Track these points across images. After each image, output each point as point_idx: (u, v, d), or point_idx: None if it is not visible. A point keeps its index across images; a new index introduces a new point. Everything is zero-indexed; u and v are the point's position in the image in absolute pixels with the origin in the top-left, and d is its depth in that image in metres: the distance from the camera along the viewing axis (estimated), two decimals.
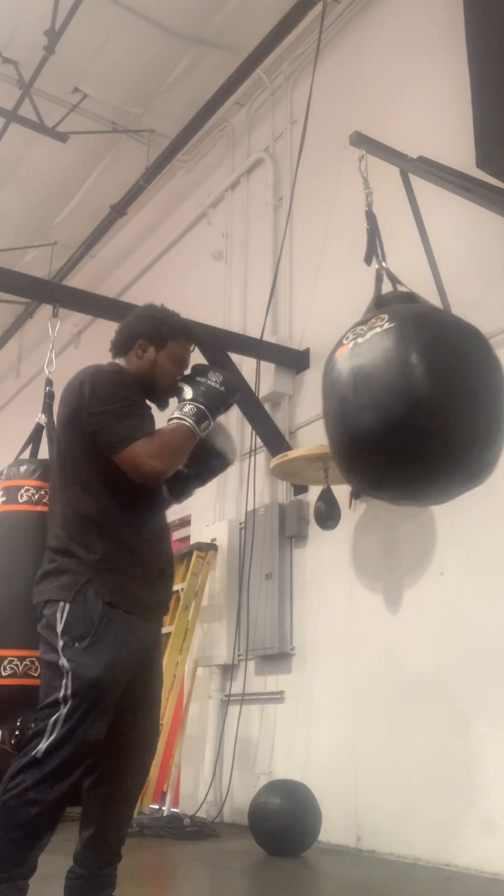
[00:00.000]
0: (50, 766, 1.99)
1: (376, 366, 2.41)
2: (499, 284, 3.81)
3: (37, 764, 2.00)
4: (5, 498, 3.47)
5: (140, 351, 2.41)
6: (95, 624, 2.08)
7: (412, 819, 3.63)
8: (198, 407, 2.26)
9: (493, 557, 3.55)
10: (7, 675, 2.97)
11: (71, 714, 2.01)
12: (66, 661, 2.05)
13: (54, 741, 2.00)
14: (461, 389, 2.41)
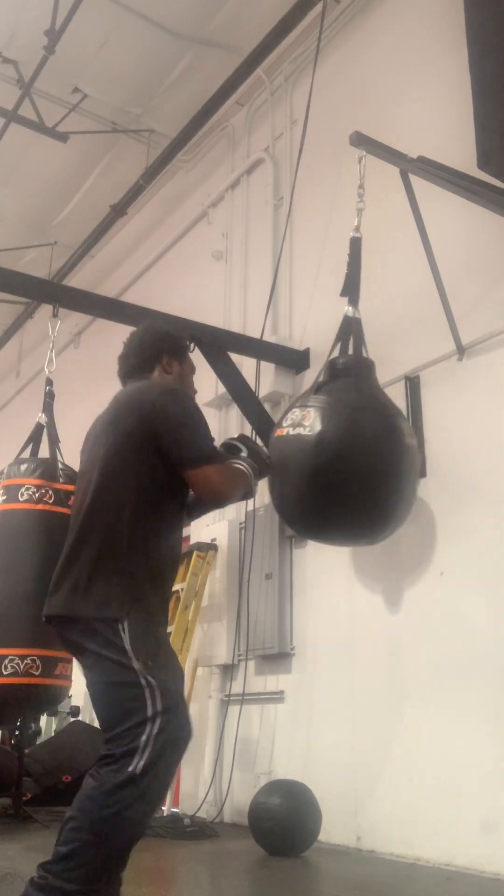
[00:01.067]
0: (147, 782, 2.01)
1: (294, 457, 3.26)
2: (499, 284, 3.81)
3: (134, 782, 1.99)
4: (6, 496, 3.47)
5: (167, 366, 2.50)
6: (159, 639, 2.16)
7: (412, 819, 3.63)
8: (252, 467, 2.40)
9: (493, 557, 3.55)
10: (8, 673, 2.97)
11: (164, 728, 2.05)
12: (151, 679, 2.06)
13: (151, 757, 2.02)
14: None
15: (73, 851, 1.95)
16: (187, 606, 5.03)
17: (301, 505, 3.34)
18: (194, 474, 2.22)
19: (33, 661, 2.92)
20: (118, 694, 2.08)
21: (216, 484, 2.24)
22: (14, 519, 3.35)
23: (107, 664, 2.09)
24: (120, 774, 1.98)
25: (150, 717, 2.03)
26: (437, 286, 3.77)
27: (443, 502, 3.85)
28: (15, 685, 2.96)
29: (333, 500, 3.21)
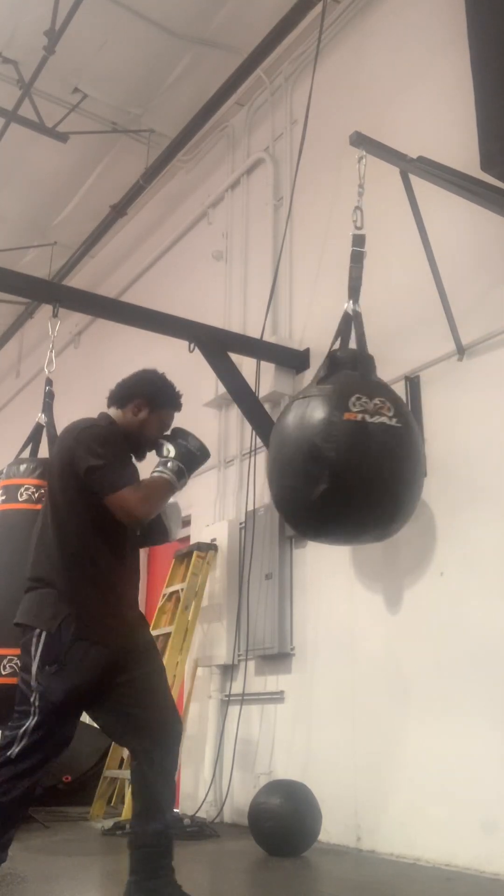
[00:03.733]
0: (22, 766, 2.40)
1: (380, 451, 3.11)
2: (499, 284, 3.81)
3: (11, 763, 2.40)
4: (5, 496, 3.47)
5: (136, 409, 2.77)
6: (64, 653, 2.44)
7: (412, 819, 3.63)
8: (178, 466, 2.66)
9: (493, 557, 3.55)
10: (7, 673, 2.97)
11: (37, 728, 2.41)
12: (35, 682, 2.43)
13: (24, 747, 2.40)
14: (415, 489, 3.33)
15: None
16: (187, 606, 5.03)
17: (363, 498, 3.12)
18: (109, 504, 2.50)
19: None
20: (21, 684, 2.49)
21: (132, 509, 2.50)
22: (13, 519, 3.35)
23: (21, 659, 2.53)
24: (2, 755, 2.42)
25: (30, 713, 2.42)
26: (437, 286, 3.77)
27: (443, 502, 3.85)
28: (14, 685, 2.97)
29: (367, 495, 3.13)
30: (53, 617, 2.48)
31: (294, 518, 3.42)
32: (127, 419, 2.76)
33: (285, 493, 3.27)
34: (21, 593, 2.59)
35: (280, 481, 3.28)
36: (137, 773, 2.57)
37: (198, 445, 2.75)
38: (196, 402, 5.77)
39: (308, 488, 3.05)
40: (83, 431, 2.61)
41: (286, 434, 3.21)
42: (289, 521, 3.62)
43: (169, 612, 5.23)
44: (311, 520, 3.27)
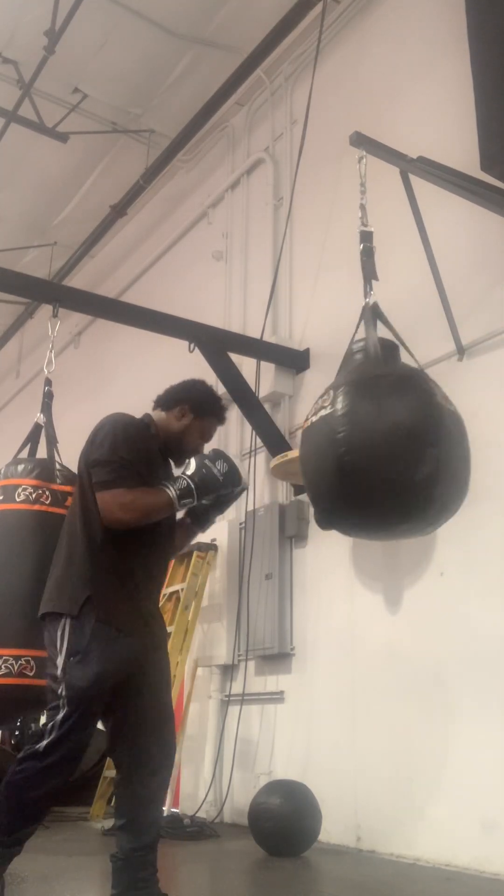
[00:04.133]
0: (48, 760, 2.36)
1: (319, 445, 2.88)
2: (499, 284, 3.81)
3: (38, 757, 2.36)
4: (3, 497, 3.46)
5: (180, 413, 2.74)
6: (87, 640, 2.39)
7: (412, 819, 3.63)
8: (189, 483, 2.55)
9: (493, 557, 3.55)
10: (2, 674, 2.97)
11: (66, 719, 2.36)
12: (61, 673, 2.39)
13: (53, 740, 2.36)
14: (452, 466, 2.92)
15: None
16: (187, 606, 5.03)
17: None
18: (97, 499, 2.48)
19: (27, 662, 2.91)
20: (49, 680, 2.46)
21: (110, 512, 2.45)
22: (10, 519, 3.34)
23: (49, 652, 2.48)
24: (30, 749, 2.40)
25: (60, 706, 2.37)
26: (437, 286, 3.77)
27: None
28: (9, 685, 2.96)
29: None
30: (73, 600, 2.43)
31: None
32: (169, 423, 2.74)
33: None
34: (16, 594, 2.61)
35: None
36: (126, 788, 2.51)
37: (225, 470, 2.61)
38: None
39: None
40: (110, 423, 2.59)
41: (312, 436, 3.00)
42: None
43: (169, 612, 5.23)
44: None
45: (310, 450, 2.95)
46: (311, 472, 2.97)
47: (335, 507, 2.94)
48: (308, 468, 2.99)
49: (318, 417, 2.88)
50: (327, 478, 2.83)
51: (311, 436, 2.92)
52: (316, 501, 3.03)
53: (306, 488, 3.13)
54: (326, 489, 2.89)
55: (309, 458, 2.97)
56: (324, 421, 2.84)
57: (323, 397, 2.93)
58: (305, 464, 3.01)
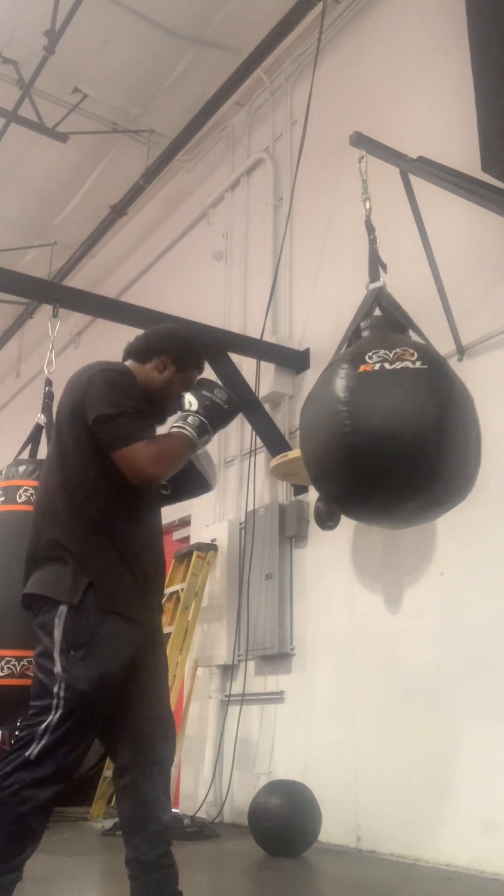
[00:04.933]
0: (42, 770, 2.04)
1: (398, 397, 2.77)
2: (499, 284, 3.81)
3: (30, 766, 2.04)
4: (4, 498, 3.47)
5: (160, 366, 2.43)
6: (93, 633, 2.11)
7: (412, 819, 3.63)
8: (201, 420, 2.29)
9: (493, 557, 3.55)
10: (4, 675, 2.97)
11: (61, 723, 2.05)
12: (60, 669, 2.08)
13: (45, 746, 2.04)
14: (462, 422, 2.94)
15: None
16: (187, 607, 5.03)
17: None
18: (117, 457, 2.15)
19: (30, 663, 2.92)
20: (38, 673, 2.14)
21: (142, 467, 2.13)
22: (12, 520, 3.34)
23: (38, 643, 2.16)
24: (18, 757, 2.05)
25: (53, 706, 2.06)
26: (437, 286, 3.77)
27: None
28: (11, 686, 2.96)
29: None
30: (74, 587, 2.12)
31: (331, 487, 3.05)
32: (149, 377, 2.40)
33: (313, 462, 3.00)
34: (18, 595, 2.53)
35: (309, 453, 3.02)
36: (132, 792, 2.23)
37: (225, 398, 2.38)
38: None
39: (337, 453, 2.80)
40: (98, 374, 2.24)
41: (309, 407, 3.00)
42: (326, 493, 3.18)
43: (169, 612, 5.23)
44: (348, 486, 2.91)
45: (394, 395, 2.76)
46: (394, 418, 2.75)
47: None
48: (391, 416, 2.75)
49: (400, 366, 2.75)
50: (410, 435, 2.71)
51: (391, 384, 2.75)
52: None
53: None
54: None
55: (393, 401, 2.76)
56: (410, 374, 2.75)
57: (399, 349, 2.81)
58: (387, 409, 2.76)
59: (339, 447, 2.79)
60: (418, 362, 2.80)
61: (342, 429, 2.75)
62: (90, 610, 2.12)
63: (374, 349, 2.84)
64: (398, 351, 2.81)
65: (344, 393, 2.78)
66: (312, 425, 2.94)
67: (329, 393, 2.84)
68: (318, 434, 2.90)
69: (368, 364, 2.79)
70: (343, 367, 2.84)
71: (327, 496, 3.16)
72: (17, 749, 2.07)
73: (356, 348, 2.94)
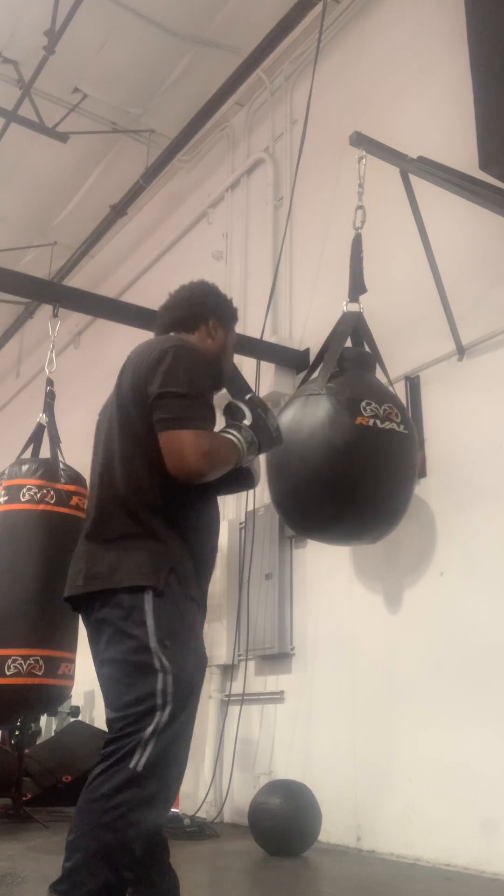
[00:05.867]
0: (152, 784, 1.77)
1: (388, 456, 3.24)
2: (499, 284, 3.81)
3: (138, 780, 1.75)
4: (7, 497, 3.47)
5: (211, 330, 2.25)
6: (184, 619, 1.92)
7: (412, 819, 3.63)
8: (253, 438, 2.08)
9: (493, 557, 3.55)
10: (10, 674, 2.97)
11: (172, 720, 1.81)
12: (165, 662, 1.83)
13: (154, 753, 1.78)
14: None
15: (77, 866, 1.75)
16: None
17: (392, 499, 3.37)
18: (164, 438, 1.91)
19: (36, 662, 2.92)
20: (126, 673, 1.86)
21: (189, 456, 1.88)
22: (15, 519, 3.34)
23: (123, 641, 1.88)
24: (119, 772, 1.75)
25: (158, 705, 1.80)
26: (437, 286, 3.77)
27: (443, 502, 3.86)
28: (18, 685, 2.96)
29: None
30: (156, 569, 1.89)
31: (299, 515, 3.48)
32: (203, 345, 2.20)
33: (290, 491, 3.36)
34: (23, 594, 2.50)
35: (286, 480, 3.35)
36: None
37: (276, 426, 2.16)
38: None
39: (317, 488, 3.20)
40: (173, 349, 2.01)
41: (296, 431, 3.27)
42: (291, 517, 3.61)
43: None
44: (317, 518, 3.37)
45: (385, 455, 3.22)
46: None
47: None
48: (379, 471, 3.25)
49: (388, 426, 3.19)
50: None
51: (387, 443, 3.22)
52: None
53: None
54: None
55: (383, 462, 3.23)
56: (397, 438, 3.23)
57: (385, 406, 3.23)
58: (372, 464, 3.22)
59: (326, 490, 3.20)
60: (402, 426, 3.21)
61: (334, 474, 3.15)
62: (177, 595, 1.91)
63: (366, 399, 3.19)
64: (386, 408, 3.19)
65: (341, 442, 3.15)
66: (294, 448, 3.24)
67: (325, 435, 3.21)
68: (301, 467, 3.25)
69: (364, 417, 3.14)
70: (337, 410, 3.18)
71: (291, 523, 3.70)
72: (112, 764, 1.77)
73: (348, 390, 3.26)
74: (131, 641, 1.86)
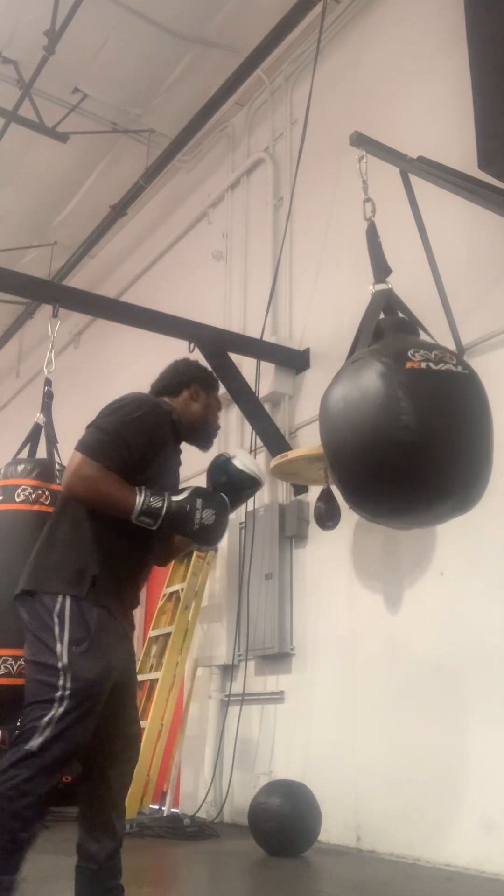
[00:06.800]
0: (43, 761, 2.06)
1: (444, 396, 2.73)
2: (499, 284, 3.81)
3: (31, 757, 2.06)
4: (2, 497, 3.47)
5: (194, 395, 2.58)
6: (92, 628, 2.15)
7: (412, 819, 3.63)
8: (162, 509, 2.21)
9: (493, 557, 3.55)
10: (1, 674, 2.97)
11: (67, 714, 2.08)
12: (66, 662, 2.11)
13: (49, 738, 2.07)
14: (490, 447, 2.82)
15: None
16: (187, 606, 5.03)
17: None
18: (72, 454, 2.24)
19: None
20: (36, 670, 2.17)
21: (70, 470, 2.20)
22: (10, 519, 3.34)
23: (33, 642, 2.19)
24: (17, 751, 2.08)
25: (56, 699, 2.09)
26: (437, 286, 3.77)
27: None
28: (8, 686, 2.96)
29: None
30: (79, 578, 2.18)
31: (360, 481, 2.90)
32: (188, 407, 2.55)
33: (347, 453, 2.85)
34: None
35: (342, 443, 2.86)
36: (95, 792, 2.31)
37: (208, 524, 2.27)
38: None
39: (385, 447, 2.71)
40: (126, 397, 2.39)
41: (339, 397, 2.87)
42: (351, 486, 2.97)
43: (169, 612, 5.23)
44: (387, 481, 2.79)
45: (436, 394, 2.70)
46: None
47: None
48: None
49: (443, 367, 2.70)
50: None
51: (437, 383, 2.69)
52: None
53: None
54: None
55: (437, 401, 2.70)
56: (457, 378, 2.72)
57: (436, 351, 2.75)
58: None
59: (388, 442, 2.68)
60: (459, 366, 2.76)
61: (395, 422, 2.66)
62: (91, 603, 2.17)
63: (412, 347, 2.76)
64: (437, 352, 2.75)
65: (395, 387, 2.69)
66: (349, 415, 2.81)
67: (373, 386, 2.75)
68: (359, 425, 2.77)
69: (414, 361, 2.72)
70: (384, 361, 2.74)
71: (351, 490, 2.96)
72: (15, 744, 2.09)
73: (392, 347, 2.82)
74: (40, 644, 2.16)
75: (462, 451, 2.74)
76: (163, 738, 4.75)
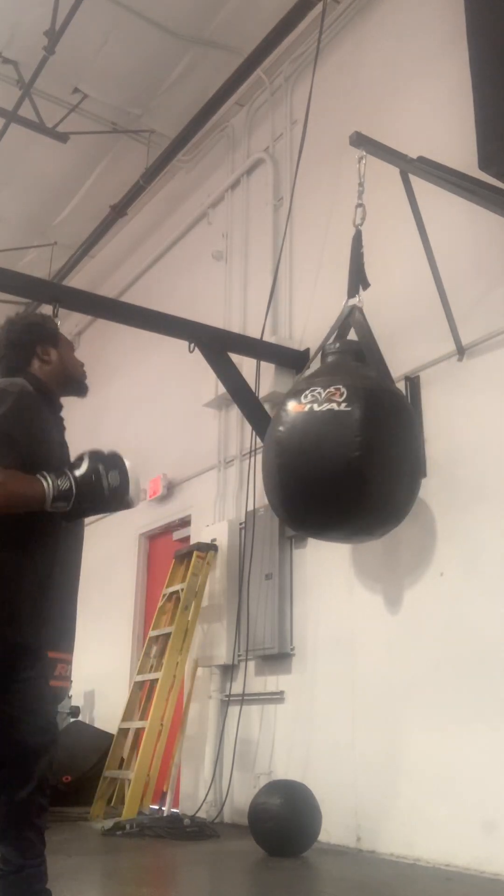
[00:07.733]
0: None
1: (327, 435, 3.26)
2: (499, 284, 3.81)
3: None
4: None
5: (45, 356, 2.46)
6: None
7: (412, 819, 3.63)
8: (72, 486, 2.14)
9: (493, 557, 3.55)
10: None
11: None
12: None
13: None
14: (389, 459, 3.38)
15: None
16: (187, 606, 5.03)
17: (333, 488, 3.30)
18: None
19: None
20: None
21: None
22: None
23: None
24: None
25: None
26: (437, 286, 3.77)
27: (443, 502, 3.85)
28: None
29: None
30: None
31: (279, 513, 3.70)
32: (44, 371, 2.43)
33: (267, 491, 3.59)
34: None
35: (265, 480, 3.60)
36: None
37: (116, 484, 2.19)
38: (196, 403, 5.78)
39: (270, 484, 3.45)
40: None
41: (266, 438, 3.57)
42: (279, 515, 3.84)
43: (169, 612, 5.23)
44: (287, 513, 3.59)
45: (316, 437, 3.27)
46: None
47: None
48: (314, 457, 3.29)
49: (326, 408, 3.22)
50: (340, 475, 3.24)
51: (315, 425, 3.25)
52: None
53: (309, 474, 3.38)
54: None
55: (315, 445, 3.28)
56: (332, 416, 3.21)
57: (330, 389, 3.26)
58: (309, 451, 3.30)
59: (274, 479, 3.37)
60: (343, 404, 3.20)
61: (275, 462, 3.32)
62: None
63: (311, 388, 3.30)
64: (331, 390, 3.24)
65: (278, 431, 3.36)
66: (265, 457, 3.49)
67: (270, 429, 3.43)
68: (265, 466, 3.49)
69: (301, 404, 3.28)
70: (284, 405, 3.38)
71: (281, 520, 3.93)
72: None
73: (303, 383, 3.41)
74: None
75: (336, 482, 3.26)
76: (163, 739, 4.75)
